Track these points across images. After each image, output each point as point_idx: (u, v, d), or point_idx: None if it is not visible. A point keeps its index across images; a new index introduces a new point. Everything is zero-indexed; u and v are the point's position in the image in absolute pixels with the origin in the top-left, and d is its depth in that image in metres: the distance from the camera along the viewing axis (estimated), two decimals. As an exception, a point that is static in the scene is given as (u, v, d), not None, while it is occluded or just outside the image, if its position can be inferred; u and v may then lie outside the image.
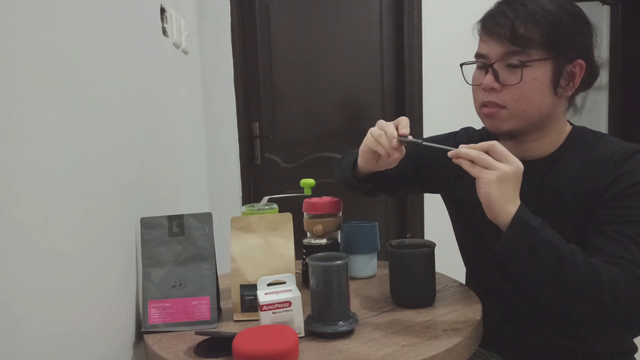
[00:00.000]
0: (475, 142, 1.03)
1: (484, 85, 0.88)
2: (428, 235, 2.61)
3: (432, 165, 1.09)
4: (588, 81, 0.89)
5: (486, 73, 0.88)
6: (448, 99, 2.56)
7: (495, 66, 0.87)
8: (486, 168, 0.79)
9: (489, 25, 0.89)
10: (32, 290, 0.61)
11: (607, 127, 3.28)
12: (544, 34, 0.83)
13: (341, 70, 2.64)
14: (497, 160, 0.79)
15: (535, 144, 0.92)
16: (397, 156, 0.90)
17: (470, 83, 0.94)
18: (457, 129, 1.14)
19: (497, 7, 0.89)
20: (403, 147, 0.90)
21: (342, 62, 2.64)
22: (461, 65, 0.95)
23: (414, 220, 2.66)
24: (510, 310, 0.97)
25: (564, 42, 0.84)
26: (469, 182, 1.00)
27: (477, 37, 0.92)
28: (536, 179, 0.91)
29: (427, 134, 2.59)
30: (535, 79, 0.85)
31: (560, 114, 0.91)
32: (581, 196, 0.86)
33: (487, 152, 0.80)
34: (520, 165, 0.79)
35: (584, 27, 0.87)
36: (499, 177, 0.78)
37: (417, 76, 2.58)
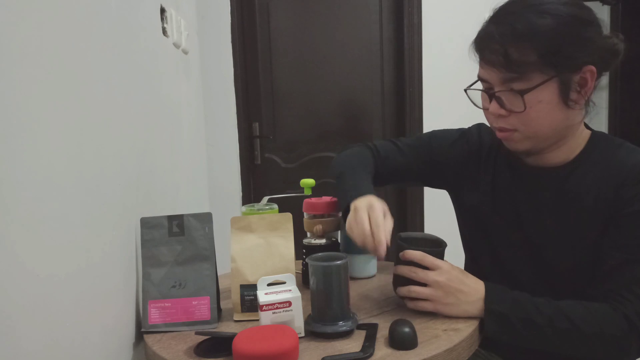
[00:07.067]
0: (487, 142, 1.04)
1: (491, 112, 0.86)
2: (428, 235, 2.61)
3: (444, 165, 1.08)
4: (607, 68, 0.82)
5: (490, 99, 0.86)
6: (448, 99, 2.56)
7: (498, 94, 0.84)
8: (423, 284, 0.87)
9: (482, 51, 0.85)
10: (32, 290, 0.61)
11: (607, 127, 3.28)
12: (541, 54, 0.77)
13: (341, 70, 2.64)
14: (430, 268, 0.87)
15: (552, 154, 0.90)
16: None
17: (479, 106, 0.91)
18: (464, 127, 1.12)
19: (485, 28, 0.84)
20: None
21: (342, 62, 2.64)
22: (465, 90, 0.91)
23: (414, 218, 2.66)
24: None
25: (565, 56, 0.78)
26: (481, 190, 1.00)
27: (473, 59, 0.89)
28: (555, 185, 0.90)
29: (427, 134, 2.59)
30: (540, 101, 0.81)
31: (577, 123, 0.88)
32: (601, 203, 0.85)
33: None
34: (448, 266, 0.88)
35: (587, 30, 0.80)
36: (436, 297, 0.87)
37: (417, 76, 2.58)
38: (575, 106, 0.83)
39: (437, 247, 0.93)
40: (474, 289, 0.87)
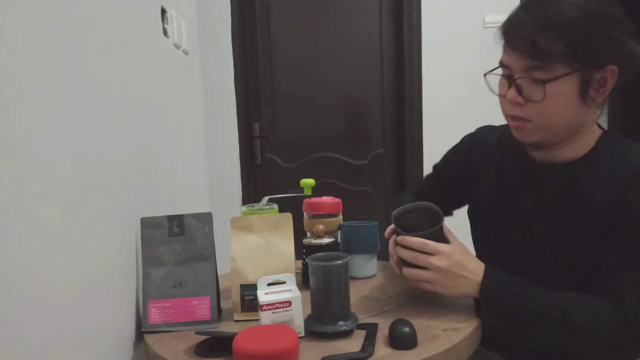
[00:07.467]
0: (493, 140, 1.05)
1: (508, 99, 0.86)
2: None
3: (448, 179, 1.14)
4: (627, 73, 0.82)
5: (510, 85, 0.86)
6: (448, 99, 2.56)
7: (518, 81, 0.84)
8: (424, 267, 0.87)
9: (509, 36, 0.84)
10: (33, 290, 0.61)
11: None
12: (568, 46, 0.78)
13: (341, 70, 2.64)
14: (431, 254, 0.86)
15: (562, 150, 0.90)
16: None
17: (495, 93, 0.91)
18: (463, 133, 1.13)
19: (516, 14, 0.84)
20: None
21: (342, 62, 2.64)
22: (485, 75, 0.91)
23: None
24: None
25: (591, 51, 0.78)
26: (483, 187, 1.01)
27: (498, 43, 0.88)
28: (562, 181, 0.90)
29: (426, 133, 2.58)
30: (559, 93, 0.81)
31: (590, 121, 0.88)
32: (606, 203, 0.85)
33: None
34: (449, 250, 0.86)
35: (614, 28, 0.79)
36: (436, 280, 0.87)
37: (417, 76, 2.58)
38: (592, 104, 0.84)
39: (433, 218, 0.90)
40: (474, 272, 0.87)
